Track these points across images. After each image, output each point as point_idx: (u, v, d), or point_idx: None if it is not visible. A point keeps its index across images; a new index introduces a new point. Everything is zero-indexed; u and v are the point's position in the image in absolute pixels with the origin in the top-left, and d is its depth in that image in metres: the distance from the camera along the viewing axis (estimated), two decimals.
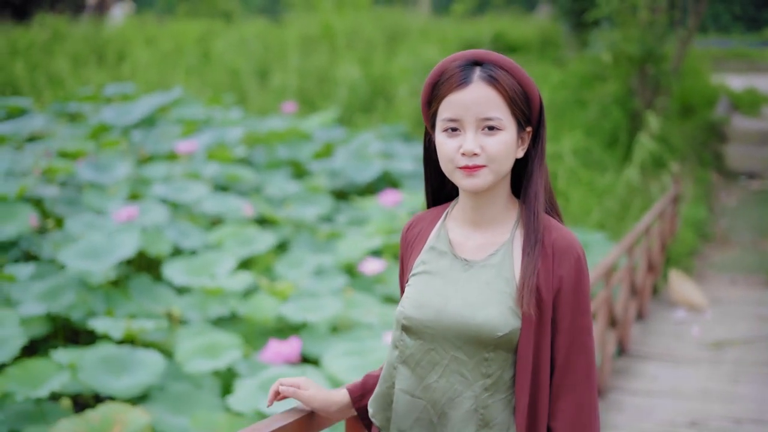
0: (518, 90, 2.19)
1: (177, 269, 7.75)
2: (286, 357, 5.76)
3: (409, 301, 2.25)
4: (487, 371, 2.19)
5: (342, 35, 19.80)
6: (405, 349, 2.25)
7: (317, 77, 18.29)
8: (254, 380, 5.52)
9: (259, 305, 7.45)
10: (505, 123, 2.17)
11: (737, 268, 11.20)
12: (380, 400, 2.33)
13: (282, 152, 12.41)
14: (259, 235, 8.85)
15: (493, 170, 2.17)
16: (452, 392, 2.20)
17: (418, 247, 2.35)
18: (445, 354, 2.21)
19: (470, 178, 2.17)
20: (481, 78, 2.17)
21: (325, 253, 9.03)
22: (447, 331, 2.20)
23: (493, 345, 2.17)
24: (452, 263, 2.27)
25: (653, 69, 14.08)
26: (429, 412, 2.23)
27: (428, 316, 2.22)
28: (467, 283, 2.23)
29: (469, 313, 2.18)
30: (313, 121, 14.00)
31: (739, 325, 8.63)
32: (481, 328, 2.17)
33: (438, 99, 2.20)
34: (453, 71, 2.19)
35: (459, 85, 2.17)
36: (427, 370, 2.23)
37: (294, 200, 10.46)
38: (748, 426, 6.16)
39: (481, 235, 2.28)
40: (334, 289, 8.05)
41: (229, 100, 15.62)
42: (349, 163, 11.86)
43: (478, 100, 2.15)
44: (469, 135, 2.16)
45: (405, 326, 2.25)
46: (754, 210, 13.87)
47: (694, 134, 15.74)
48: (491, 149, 2.16)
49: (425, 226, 2.37)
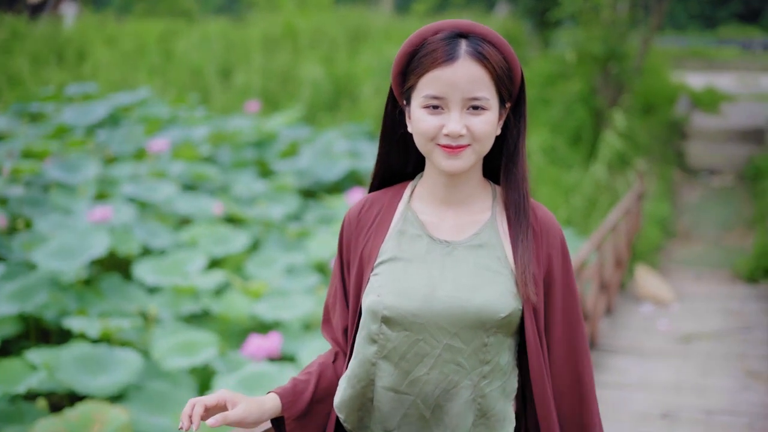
0: (504, 66, 2.05)
1: (147, 269, 7.73)
2: (268, 351, 5.78)
3: (387, 290, 2.07)
4: (485, 357, 2.06)
5: (305, 34, 19.80)
6: (386, 343, 2.07)
7: (280, 76, 18.29)
8: (234, 376, 5.55)
9: (231, 304, 7.47)
10: (491, 102, 2.04)
11: (701, 263, 11.37)
12: (353, 401, 2.13)
13: (247, 151, 12.40)
14: (231, 235, 8.86)
15: (476, 150, 2.06)
16: (447, 383, 2.06)
17: (380, 232, 2.16)
18: (437, 344, 2.05)
19: (452, 159, 2.04)
20: (469, 54, 2.02)
21: (296, 252, 9.04)
22: (439, 319, 2.04)
23: (495, 328, 2.05)
24: (430, 246, 2.11)
25: (616, 67, 14.24)
26: (419, 407, 2.08)
27: (414, 304, 2.04)
28: (456, 266, 2.08)
29: (465, 296, 2.04)
30: (277, 120, 14.01)
31: (706, 319, 8.76)
32: (481, 311, 2.03)
33: (418, 73, 2.04)
34: (437, 44, 2.03)
35: (445, 60, 2.01)
36: (414, 363, 2.06)
37: (262, 199, 10.46)
38: (720, 417, 6.25)
39: (457, 215, 2.15)
40: (306, 288, 8.07)
41: (193, 100, 15.57)
42: (315, 162, 11.88)
43: (466, 78, 2.01)
44: (454, 115, 2.02)
45: (386, 318, 2.06)
46: (716, 206, 14.08)
47: (656, 132, 15.93)
48: (477, 130, 2.03)
49: (383, 208, 2.20)
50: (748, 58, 31.70)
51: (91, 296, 7.28)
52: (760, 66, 29.38)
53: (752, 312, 9.12)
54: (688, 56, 28.46)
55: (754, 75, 26.01)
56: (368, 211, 2.21)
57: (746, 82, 24.26)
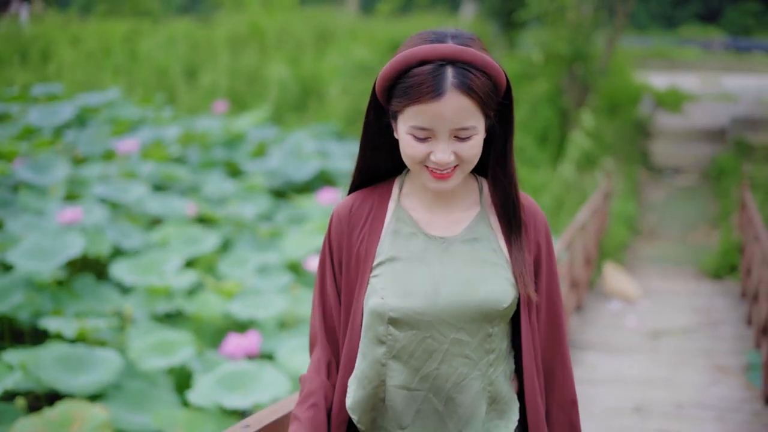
0: (490, 88, 2.03)
1: (124, 269, 7.74)
2: (246, 350, 5.82)
3: (390, 292, 2.09)
4: (490, 347, 2.12)
5: (271, 35, 19.81)
6: (395, 344, 2.10)
7: (247, 77, 18.29)
8: (213, 375, 5.58)
9: (206, 303, 7.50)
10: (478, 127, 2.04)
11: (666, 260, 11.54)
12: (365, 402, 2.15)
13: (216, 151, 12.42)
14: (203, 235, 8.88)
15: (463, 170, 2.08)
16: (457, 376, 2.10)
17: (374, 232, 2.18)
18: (444, 339, 2.09)
19: (441, 182, 2.07)
20: (456, 86, 1.99)
21: (268, 252, 9.07)
22: (444, 315, 2.08)
23: (498, 319, 2.11)
24: (426, 244, 2.14)
25: (582, 68, 14.40)
26: (432, 402, 2.11)
27: (420, 302, 2.08)
28: (454, 261, 2.12)
29: (469, 290, 2.09)
30: (244, 120, 14.03)
31: (674, 315, 8.90)
32: (484, 304, 2.08)
33: (404, 102, 2.02)
34: (423, 76, 1.99)
35: (432, 96, 1.99)
36: (423, 360, 2.09)
37: (232, 199, 10.48)
38: (690, 410, 6.38)
39: (447, 210, 2.18)
40: (280, 287, 8.11)
41: (159, 100, 15.53)
42: (285, 162, 11.92)
43: (454, 111, 1.99)
44: (442, 145, 2.03)
45: (393, 319, 2.09)
46: (680, 205, 14.27)
47: (622, 131, 16.12)
48: (465, 154, 2.04)
49: (374, 208, 2.21)
50: (709, 58, 32.09)
51: (65, 297, 7.28)
52: (721, 66, 29.76)
53: (718, 308, 9.28)
54: (651, 56, 28.76)
55: (716, 75, 26.34)
56: (359, 210, 2.20)
57: (708, 82, 24.57)
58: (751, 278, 8.90)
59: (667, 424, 6.13)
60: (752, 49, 36.27)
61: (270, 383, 5.50)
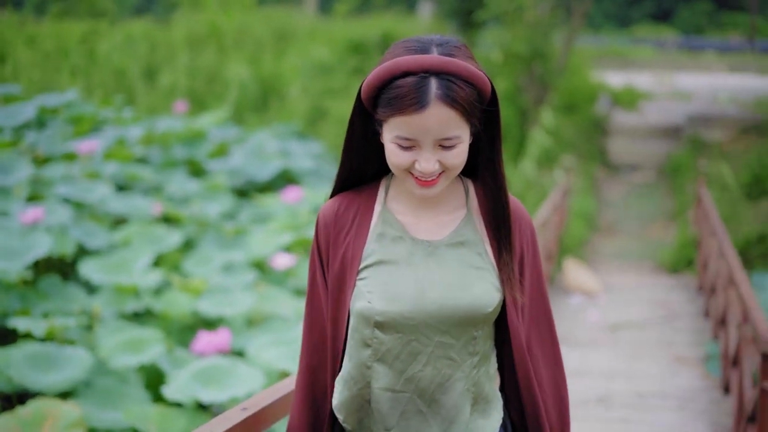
0: (474, 98, 2.03)
1: (92, 268, 7.76)
2: (218, 347, 5.88)
3: (377, 296, 2.11)
4: (474, 349, 2.14)
5: (229, 35, 19.82)
6: (380, 346, 2.12)
7: (206, 77, 18.29)
8: (188, 370, 5.65)
9: (173, 301, 7.55)
10: (463, 136, 2.05)
11: (625, 255, 11.75)
12: (351, 403, 2.18)
13: (178, 151, 12.43)
14: (167, 234, 8.92)
15: (448, 177, 2.10)
16: (441, 377, 2.13)
17: (360, 235, 2.18)
18: (429, 342, 2.11)
19: (426, 189, 2.08)
20: (439, 98, 1.99)
21: (233, 250, 9.13)
22: (430, 318, 2.10)
23: (482, 322, 2.13)
24: (413, 247, 2.15)
25: (540, 67, 14.58)
26: (416, 403, 2.14)
27: (405, 306, 2.10)
28: (441, 265, 2.14)
29: (455, 294, 2.11)
30: (205, 120, 14.04)
31: (633, 309, 9.08)
32: (470, 308, 2.11)
33: (388, 113, 2.03)
34: (406, 88, 2.00)
35: (415, 108, 1.99)
36: (408, 362, 2.12)
37: (196, 198, 10.52)
38: (651, 400, 6.55)
39: (433, 214, 2.19)
40: (245, 285, 8.18)
41: (119, 101, 15.49)
42: (247, 162, 11.97)
43: (438, 123, 2.00)
44: (426, 155, 2.04)
45: (379, 323, 2.10)
46: (638, 201, 14.51)
47: (579, 129, 16.33)
48: (450, 162, 2.06)
49: (360, 210, 2.21)
50: (663, 57, 32.46)
51: (33, 297, 7.30)
52: (674, 65, 30.14)
53: (676, 301, 9.48)
54: (606, 55, 29.06)
55: (669, 73, 26.69)
56: (345, 213, 2.20)
57: (662, 80, 24.90)
58: (708, 272, 9.11)
59: (630, 414, 6.29)
60: (704, 47, 36.76)
61: (244, 378, 5.57)
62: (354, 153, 2.18)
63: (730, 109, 19.46)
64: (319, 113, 16.64)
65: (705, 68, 29.91)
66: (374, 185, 2.23)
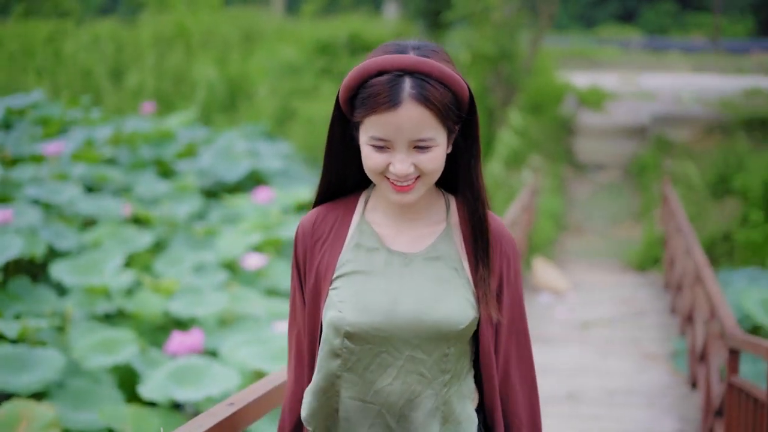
0: (450, 100, 2.01)
1: (63, 269, 7.76)
2: (191, 347, 5.91)
3: (349, 306, 2.07)
4: (446, 366, 2.09)
5: (197, 35, 19.78)
6: (350, 356, 2.08)
7: (174, 77, 18.25)
8: (164, 370, 5.67)
9: (145, 302, 7.55)
10: (438, 139, 2.01)
11: (593, 254, 11.87)
12: (320, 413, 2.14)
13: (146, 152, 12.40)
14: (138, 235, 8.92)
15: (425, 182, 2.05)
16: (410, 393, 2.08)
17: (336, 245, 2.15)
18: (399, 355, 2.07)
19: (401, 194, 2.05)
20: (413, 97, 1.97)
21: (203, 251, 9.14)
22: (401, 332, 2.06)
23: (455, 339, 2.08)
24: (388, 259, 2.11)
25: (507, 68, 14.69)
26: (385, 418, 2.09)
27: (376, 318, 2.06)
28: (415, 278, 2.09)
29: (427, 308, 2.06)
30: (173, 120, 14.03)
31: (601, 307, 9.19)
32: (441, 324, 2.06)
33: (363, 113, 2.01)
34: (380, 87, 1.99)
35: (388, 106, 1.97)
36: (378, 374, 2.08)
37: (165, 199, 10.51)
38: (620, 396, 6.64)
39: (412, 226, 2.15)
40: (217, 285, 8.20)
41: (86, 101, 15.43)
42: (216, 162, 11.96)
43: (411, 122, 1.98)
44: (400, 156, 2.01)
45: (349, 333, 2.06)
46: (604, 200, 14.65)
47: (546, 129, 16.47)
48: (425, 167, 2.02)
49: (338, 220, 2.17)
50: (627, 58, 32.75)
51: (3, 298, 7.29)
52: (639, 65, 30.43)
53: (643, 299, 9.61)
54: (571, 56, 29.29)
55: (634, 74, 26.94)
56: (323, 223, 2.18)
57: (627, 80, 25.13)
58: (675, 269, 9.23)
59: (599, 410, 6.37)
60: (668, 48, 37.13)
61: (219, 377, 5.61)
62: (334, 162, 2.15)
63: (694, 109, 19.69)
64: (288, 114, 16.67)
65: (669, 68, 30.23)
66: (354, 196, 2.20)
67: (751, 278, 8.90)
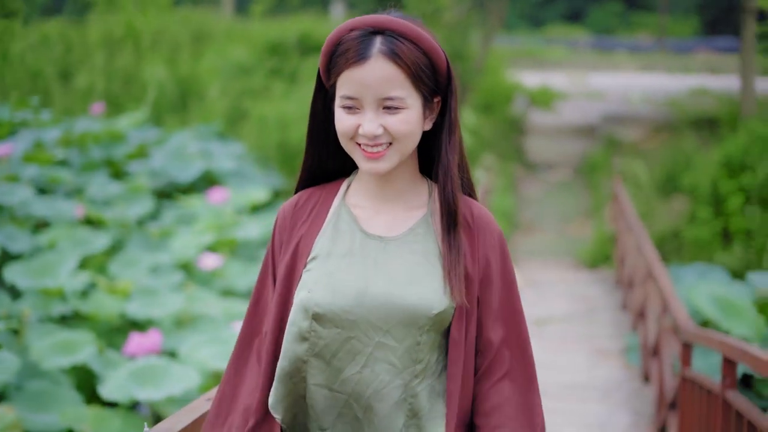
0: (423, 62, 1.97)
1: (17, 272, 7.70)
2: (149, 348, 5.91)
3: (320, 287, 2.01)
4: (417, 356, 2.01)
5: (146, 36, 19.64)
6: (318, 341, 2.00)
7: (123, 78, 18.12)
8: (124, 370, 5.67)
9: (101, 304, 7.54)
10: (409, 101, 1.97)
11: (546, 252, 12.01)
12: (286, 400, 2.06)
13: (98, 153, 12.32)
14: (92, 236, 8.88)
15: (398, 150, 1.99)
16: (378, 383, 2.00)
17: (314, 228, 2.10)
18: (369, 341, 1.99)
19: (373, 162, 1.99)
20: (382, 52, 1.94)
21: (159, 252, 9.12)
22: (371, 316, 1.99)
23: (427, 326, 2.00)
24: (364, 242, 2.05)
25: (459, 67, 14.79)
26: (353, 408, 2.02)
27: (347, 300, 1.99)
28: (389, 261, 2.03)
29: (399, 291, 2.00)
30: (123, 121, 13.94)
31: (555, 304, 9.31)
32: (414, 307, 1.99)
33: (335, 73, 1.98)
34: (350, 42, 1.95)
35: (357, 60, 1.94)
36: (347, 362, 2.00)
37: (117, 201, 10.46)
38: (576, 391, 6.76)
39: (392, 210, 2.09)
40: (173, 286, 8.19)
41: (34, 103, 15.26)
42: (169, 163, 11.92)
43: (379, 78, 1.94)
44: (369, 115, 1.96)
45: (317, 315, 1.99)
46: (555, 199, 14.82)
47: (498, 129, 16.61)
48: (394, 129, 1.96)
49: (318, 204, 2.13)
50: (575, 57, 33.06)
51: None
52: (587, 65, 30.74)
53: (596, 296, 9.76)
54: (520, 56, 29.50)
55: (582, 73, 27.22)
56: (303, 207, 2.14)
57: (576, 80, 25.38)
58: (626, 267, 9.38)
59: (556, 404, 6.46)
60: (615, 47, 37.58)
61: (179, 377, 5.62)
62: (316, 144, 2.13)
63: (642, 109, 19.96)
64: (239, 114, 16.62)
65: (617, 68, 30.58)
66: (339, 181, 2.17)
67: (700, 274, 9.05)
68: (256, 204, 10.98)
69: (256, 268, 8.63)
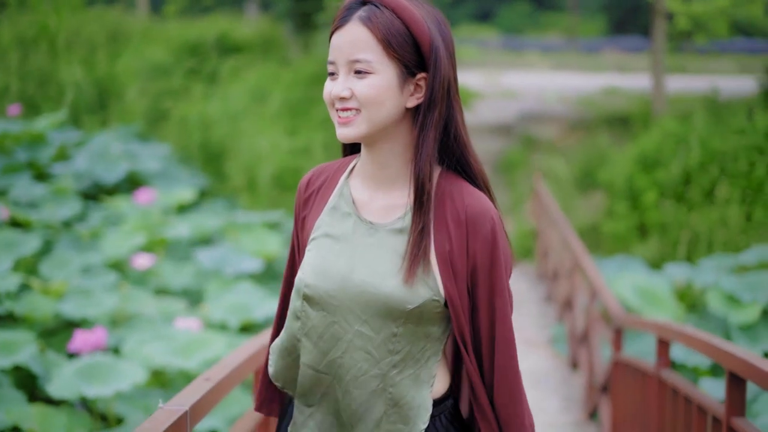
0: (399, 30, 1.99)
1: None
2: (94, 345, 5.97)
3: (311, 268, 2.07)
4: (394, 347, 2.03)
5: (61, 36, 19.42)
6: (307, 321, 2.07)
7: (39, 79, 17.90)
8: (71, 367, 5.72)
9: (35, 305, 7.53)
10: (377, 66, 1.98)
11: None
12: (286, 372, 2.17)
13: (18, 155, 12.22)
14: (21, 238, 8.83)
15: (366, 117, 2.01)
16: (356, 370, 2.04)
17: (318, 206, 2.16)
18: (349, 328, 2.03)
19: (343, 127, 2.02)
20: (359, 18, 1.99)
21: (89, 252, 9.11)
22: (352, 303, 2.02)
23: (403, 319, 2.01)
24: (356, 226, 2.08)
25: None
26: (335, 389, 2.07)
27: (332, 284, 2.04)
28: (373, 249, 2.05)
29: (377, 282, 2.01)
30: (42, 123, 13.81)
31: None
32: (389, 300, 2.00)
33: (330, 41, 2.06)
34: (339, 12, 2.04)
35: (337, 26, 2.02)
36: (331, 345, 2.05)
37: (43, 203, 10.41)
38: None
39: (385, 195, 2.10)
40: (107, 286, 8.21)
41: None
42: (92, 165, 11.88)
43: (349, 41, 1.99)
44: (340, 78, 2.01)
45: (307, 295, 2.06)
46: None
47: None
48: (360, 93, 1.99)
49: (327, 180, 2.18)
50: (487, 57, 33.57)
51: None
52: (499, 64, 31.25)
53: (521, 289, 10.04)
54: None
55: (496, 73, 27.66)
56: (315, 181, 2.20)
57: (490, 80, 25.79)
58: (549, 260, 9.68)
59: None
60: (525, 47, 38.25)
61: (126, 373, 5.69)
62: None
63: (557, 107, 20.41)
64: (159, 114, 16.58)
65: (529, 67, 31.14)
66: (349, 158, 2.21)
67: (620, 265, 9.40)
68: (183, 204, 11.02)
69: (189, 267, 8.72)
